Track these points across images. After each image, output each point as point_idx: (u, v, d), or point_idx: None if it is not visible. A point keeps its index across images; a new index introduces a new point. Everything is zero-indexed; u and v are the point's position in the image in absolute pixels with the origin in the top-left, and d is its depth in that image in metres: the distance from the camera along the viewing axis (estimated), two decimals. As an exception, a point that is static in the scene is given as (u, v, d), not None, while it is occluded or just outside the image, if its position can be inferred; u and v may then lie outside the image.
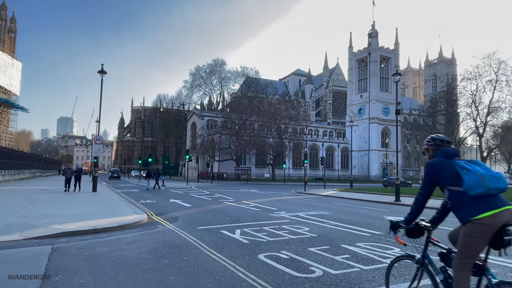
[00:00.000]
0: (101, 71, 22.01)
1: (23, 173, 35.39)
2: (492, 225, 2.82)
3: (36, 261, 5.68)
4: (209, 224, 9.89)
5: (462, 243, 2.97)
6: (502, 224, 2.82)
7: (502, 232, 2.82)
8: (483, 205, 2.85)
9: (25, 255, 6.11)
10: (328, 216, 11.89)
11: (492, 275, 2.89)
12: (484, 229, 2.83)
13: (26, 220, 9.58)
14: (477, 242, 2.88)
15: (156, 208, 14.22)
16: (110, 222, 9.72)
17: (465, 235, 2.93)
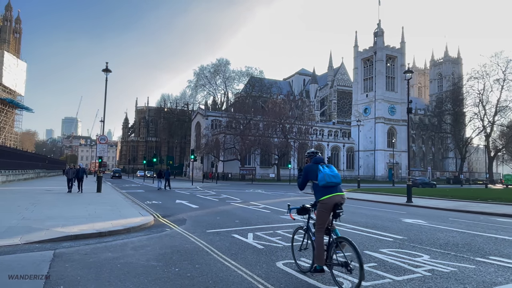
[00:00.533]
0: (105, 70, 21.63)
1: (27, 173, 35.15)
2: (329, 203, 4.65)
3: (36, 269, 5.22)
4: (218, 227, 9.40)
5: (317, 215, 4.85)
6: (335, 203, 4.64)
7: (336, 208, 4.64)
8: (325, 192, 4.67)
9: (24, 262, 5.65)
10: (343, 219, 11.35)
11: (335, 233, 4.79)
12: (325, 206, 4.67)
13: (27, 222, 9.16)
14: (324, 214, 4.71)
15: (162, 209, 13.77)
16: (115, 225, 9.27)
17: (317, 210, 4.82)
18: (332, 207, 4.63)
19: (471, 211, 15.42)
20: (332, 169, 4.79)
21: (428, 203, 19.54)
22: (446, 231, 9.38)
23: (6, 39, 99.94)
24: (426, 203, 19.49)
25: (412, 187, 20.21)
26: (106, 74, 21.59)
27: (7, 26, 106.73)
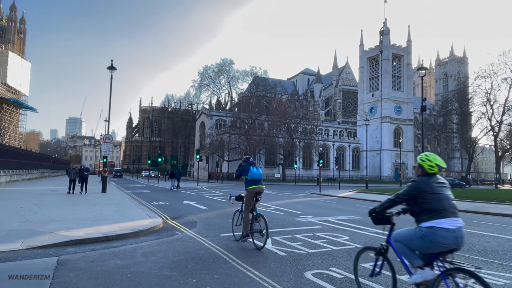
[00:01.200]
0: (110, 67, 21.16)
1: (31, 173, 34.79)
2: (252, 192, 6.99)
3: (38, 283, 4.66)
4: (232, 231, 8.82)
5: (245, 199, 7.20)
6: (256, 191, 7.00)
7: (257, 195, 7.03)
8: (251, 184, 7.04)
9: (25, 271, 5.10)
10: (361, 222, 10.75)
11: (256, 211, 6.95)
12: (250, 193, 7.01)
13: (30, 225, 8.63)
14: (249, 198, 7.05)
15: (170, 210, 13.22)
16: (122, 228, 8.72)
17: (245, 196, 7.21)
18: (255, 194, 7.10)
19: (492, 213, 14.76)
20: (258, 170, 7.26)
21: (443, 204, 18.86)
22: (478, 235, 8.74)
23: (11, 39, 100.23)
24: (441, 204, 18.80)
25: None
26: (111, 71, 21.12)
27: (12, 27, 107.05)
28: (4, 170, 25.32)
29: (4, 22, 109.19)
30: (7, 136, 68.13)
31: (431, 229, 3.12)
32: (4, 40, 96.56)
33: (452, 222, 3.11)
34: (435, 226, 3.10)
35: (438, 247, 3.11)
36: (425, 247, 3.18)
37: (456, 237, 3.08)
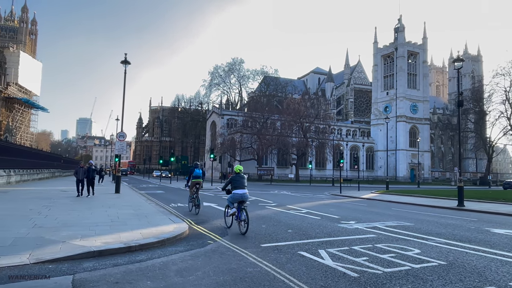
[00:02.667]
0: (124, 61, 20.09)
1: (42, 172, 34.01)
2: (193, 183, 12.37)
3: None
4: (273, 240, 7.55)
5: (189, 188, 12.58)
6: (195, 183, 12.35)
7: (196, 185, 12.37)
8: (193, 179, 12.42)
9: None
10: (416, 229, 9.37)
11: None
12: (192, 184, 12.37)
13: (40, 231, 7.48)
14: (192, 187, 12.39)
15: (192, 214, 12.00)
16: (145, 236, 7.51)
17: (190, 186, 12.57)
18: (195, 184, 12.20)
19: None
20: (199, 171, 12.32)
21: (482, 207, 17.33)
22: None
23: (22, 40, 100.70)
24: (480, 207, 17.27)
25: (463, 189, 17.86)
26: (125, 66, 20.06)
27: (23, 28, 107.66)
28: (15, 170, 24.46)
29: (16, 23, 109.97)
30: (18, 136, 68.00)
31: (233, 193, 8.45)
32: (16, 41, 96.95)
33: (241, 191, 8.40)
34: (235, 191, 8.42)
35: (236, 199, 8.44)
36: (232, 200, 8.57)
37: (241, 195, 8.37)
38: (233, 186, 8.62)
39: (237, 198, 8.47)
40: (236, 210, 8.53)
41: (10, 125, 67.69)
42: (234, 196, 8.53)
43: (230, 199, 8.72)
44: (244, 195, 8.45)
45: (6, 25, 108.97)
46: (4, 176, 21.81)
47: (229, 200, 8.79)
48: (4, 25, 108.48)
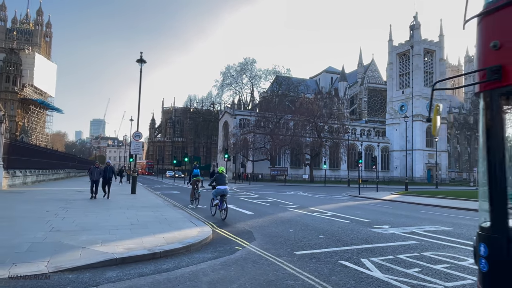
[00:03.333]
0: (140, 60, 19.78)
1: (58, 173, 34.11)
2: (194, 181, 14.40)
3: None
4: (307, 247, 6.96)
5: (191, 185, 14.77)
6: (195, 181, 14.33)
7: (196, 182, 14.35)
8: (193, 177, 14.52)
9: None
10: (459, 234, 8.67)
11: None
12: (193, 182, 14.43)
13: (57, 235, 7.05)
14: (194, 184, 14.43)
15: (213, 216, 11.48)
16: (169, 241, 7.00)
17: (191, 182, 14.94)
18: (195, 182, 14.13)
19: None
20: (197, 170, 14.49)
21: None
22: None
23: (37, 43, 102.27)
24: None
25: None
26: (141, 64, 19.76)
27: (38, 31, 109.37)
28: (30, 170, 24.43)
29: (31, 26, 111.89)
30: (34, 137, 68.91)
31: (216, 188, 10.80)
32: (31, 43, 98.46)
33: (222, 187, 10.70)
34: (217, 187, 10.75)
35: (219, 193, 10.77)
36: (215, 194, 10.93)
37: (223, 190, 10.72)
38: (216, 183, 10.90)
39: (219, 192, 10.82)
40: (218, 202, 10.88)
41: (25, 126, 68.66)
42: (217, 190, 10.87)
43: (214, 193, 11.08)
44: (225, 190, 10.85)
45: (21, 28, 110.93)
46: (20, 176, 21.75)
47: (213, 194, 11.16)
48: (20, 28, 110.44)
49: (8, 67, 66.16)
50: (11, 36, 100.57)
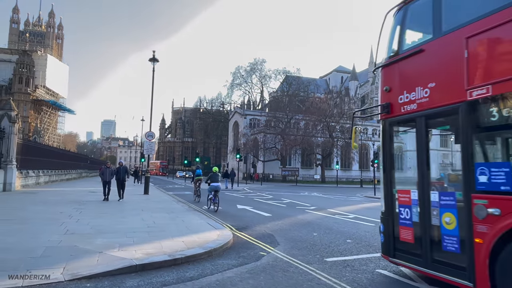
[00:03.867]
0: (152, 59, 19.52)
1: (70, 173, 34.19)
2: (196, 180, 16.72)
3: None
4: (336, 253, 6.48)
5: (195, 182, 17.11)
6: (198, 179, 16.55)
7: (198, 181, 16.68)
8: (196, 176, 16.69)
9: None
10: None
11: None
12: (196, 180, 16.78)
13: (73, 239, 6.71)
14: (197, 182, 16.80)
15: (230, 218, 11.08)
16: (189, 245, 6.60)
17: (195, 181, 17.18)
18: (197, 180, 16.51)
19: None
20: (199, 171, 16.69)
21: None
22: None
23: (50, 45, 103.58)
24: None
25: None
26: (153, 63, 19.49)
27: (50, 33, 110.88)
28: (43, 170, 24.41)
29: (43, 28, 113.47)
30: (46, 137, 69.65)
31: (210, 185, 12.74)
32: (44, 45, 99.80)
33: (214, 183, 12.67)
34: (211, 184, 12.74)
35: (213, 189, 12.68)
36: (210, 189, 12.78)
37: (216, 187, 12.67)
38: (211, 180, 12.95)
39: (213, 188, 12.80)
40: (212, 196, 12.85)
41: (38, 126, 69.44)
42: (211, 187, 12.87)
43: (209, 189, 13.01)
44: (218, 186, 12.96)
45: (34, 30, 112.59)
46: (33, 176, 21.70)
47: (208, 190, 13.09)
48: (32, 30, 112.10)
49: (21, 69, 67.00)
50: (24, 38, 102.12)
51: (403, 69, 5.03)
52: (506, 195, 3.56)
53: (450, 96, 4.26)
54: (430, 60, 4.66)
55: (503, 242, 3.53)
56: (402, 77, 5.04)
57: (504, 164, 3.98)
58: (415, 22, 5.21)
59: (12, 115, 17.28)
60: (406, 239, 4.66)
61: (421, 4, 4.95)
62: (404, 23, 5.13)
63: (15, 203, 12.37)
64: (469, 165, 3.93)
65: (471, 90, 3.96)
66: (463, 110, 4.03)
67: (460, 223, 4.02)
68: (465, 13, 4.40)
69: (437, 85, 4.45)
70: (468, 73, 4.03)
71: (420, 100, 4.60)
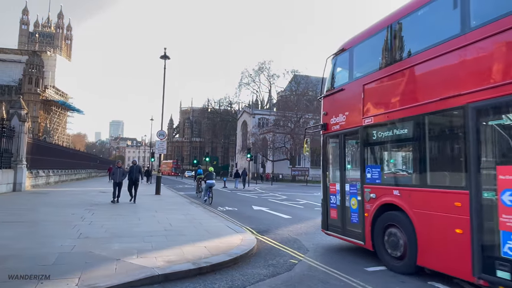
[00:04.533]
0: (164, 56, 19.09)
1: (80, 173, 34.01)
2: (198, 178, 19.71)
3: None
4: (375, 262, 5.87)
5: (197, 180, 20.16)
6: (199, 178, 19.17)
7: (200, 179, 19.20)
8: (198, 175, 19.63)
9: None
10: None
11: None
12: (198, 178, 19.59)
13: (87, 243, 6.22)
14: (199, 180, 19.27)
15: (248, 220, 10.54)
16: (212, 251, 6.06)
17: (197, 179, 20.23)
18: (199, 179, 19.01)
19: None
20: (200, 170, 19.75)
21: None
22: None
23: (59, 45, 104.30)
24: None
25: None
26: (165, 60, 19.07)
27: (59, 33, 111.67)
28: (53, 170, 24.16)
29: (52, 29, 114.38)
30: (56, 137, 69.92)
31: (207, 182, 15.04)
32: (53, 45, 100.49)
33: (210, 181, 14.88)
34: (207, 181, 15.00)
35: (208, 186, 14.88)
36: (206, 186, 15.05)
37: (211, 183, 14.84)
38: (207, 178, 15.13)
39: (208, 185, 14.90)
40: (208, 192, 14.93)
41: (48, 126, 69.75)
42: (207, 184, 14.99)
43: (205, 186, 15.25)
44: (212, 183, 14.95)
45: (43, 31, 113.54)
46: (44, 176, 21.42)
47: (205, 187, 15.49)
48: (42, 31, 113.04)
49: (30, 69, 67.32)
50: (34, 39, 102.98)
51: (334, 100, 7.27)
52: (378, 185, 5.79)
53: (355, 122, 6.44)
54: (347, 96, 6.86)
55: (377, 215, 5.73)
56: (333, 106, 7.29)
57: (377, 166, 6.04)
58: (341, 68, 7.38)
59: (22, 113, 16.96)
60: (334, 217, 6.97)
61: (343, 57, 7.08)
62: (335, 68, 7.44)
63: (25, 204, 11.98)
64: (363, 166, 6.15)
65: (364, 119, 6.20)
66: (361, 131, 6.26)
67: (359, 204, 6.22)
68: (364, 68, 6.58)
69: (349, 114, 6.69)
70: (363, 108, 6.25)
71: (341, 122, 6.86)
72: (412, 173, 5.37)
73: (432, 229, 4.67)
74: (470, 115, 4.22)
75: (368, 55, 6.58)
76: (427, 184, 4.88)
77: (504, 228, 3.79)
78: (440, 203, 4.56)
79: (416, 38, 5.54)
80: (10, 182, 15.94)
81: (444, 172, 4.93)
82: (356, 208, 6.23)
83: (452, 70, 4.62)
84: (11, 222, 8.24)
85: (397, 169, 6.10)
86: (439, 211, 4.56)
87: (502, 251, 3.80)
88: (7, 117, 16.11)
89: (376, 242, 5.70)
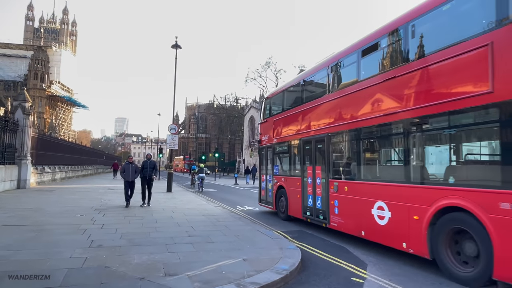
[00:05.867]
0: (175, 45, 18.00)
1: (86, 169, 33.11)
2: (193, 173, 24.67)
3: None
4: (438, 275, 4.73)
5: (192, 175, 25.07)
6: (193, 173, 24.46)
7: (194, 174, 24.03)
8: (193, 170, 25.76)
9: None
10: None
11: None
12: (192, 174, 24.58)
13: (101, 254, 5.14)
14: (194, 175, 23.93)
15: (272, 221, 9.41)
16: (255, 266, 4.94)
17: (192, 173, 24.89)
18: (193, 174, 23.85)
19: None
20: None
21: None
22: None
23: (64, 41, 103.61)
24: None
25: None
26: (176, 49, 18.01)
27: (64, 29, 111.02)
28: (59, 166, 23.21)
29: (57, 25, 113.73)
30: (61, 133, 69.23)
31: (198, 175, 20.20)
32: (58, 41, 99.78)
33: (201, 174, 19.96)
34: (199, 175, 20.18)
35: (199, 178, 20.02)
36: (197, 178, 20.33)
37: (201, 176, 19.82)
38: (199, 172, 19.86)
39: (200, 177, 19.51)
40: (199, 182, 19.54)
41: (53, 122, 69.08)
42: (199, 176, 19.65)
43: (197, 177, 20.21)
44: (203, 176, 19.52)
45: (48, 27, 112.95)
46: (49, 173, 20.47)
47: (197, 178, 20.31)
48: (47, 27, 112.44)
49: (36, 65, 66.55)
50: (39, 35, 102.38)
51: (263, 126, 11.95)
52: (276, 175, 10.81)
53: (271, 140, 11.08)
54: (268, 125, 11.40)
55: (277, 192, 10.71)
56: (262, 129, 12.00)
57: (277, 165, 10.84)
58: (267, 107, 11.85)
59: (26, 106, 15.94)
60: (263, 194, 11.62)
61: (267, 101, 11.93)
62: (266, 106, 11.96)
63: (29, 203, 10.96)
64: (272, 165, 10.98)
65: (274, 139, 10.88)
66: (272, 146, 10.95)
67: (271, 186, 11.02)
68: (274, 111, 11.31)
69: (269, 135, 11.27)
70: (273, 133, 10.90)
71: (266, 140, 11.51)
72: (288, 169, 10.06)
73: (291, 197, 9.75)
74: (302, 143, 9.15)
75: (276, 103, 11.28)
76: (292, 174, 9.77)
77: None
78: (295, 182, 9.40)
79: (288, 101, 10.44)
80: (14, 179, 14.97)
81: (296, 168, 9.56)
82: (271, 189, 11.02)
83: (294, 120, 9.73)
84: (12, 225, 7.20)
85: (284, 167, 10.47)
86: (295, 187, 9.37)
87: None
88: (10, 110, 15.11)
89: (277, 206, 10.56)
